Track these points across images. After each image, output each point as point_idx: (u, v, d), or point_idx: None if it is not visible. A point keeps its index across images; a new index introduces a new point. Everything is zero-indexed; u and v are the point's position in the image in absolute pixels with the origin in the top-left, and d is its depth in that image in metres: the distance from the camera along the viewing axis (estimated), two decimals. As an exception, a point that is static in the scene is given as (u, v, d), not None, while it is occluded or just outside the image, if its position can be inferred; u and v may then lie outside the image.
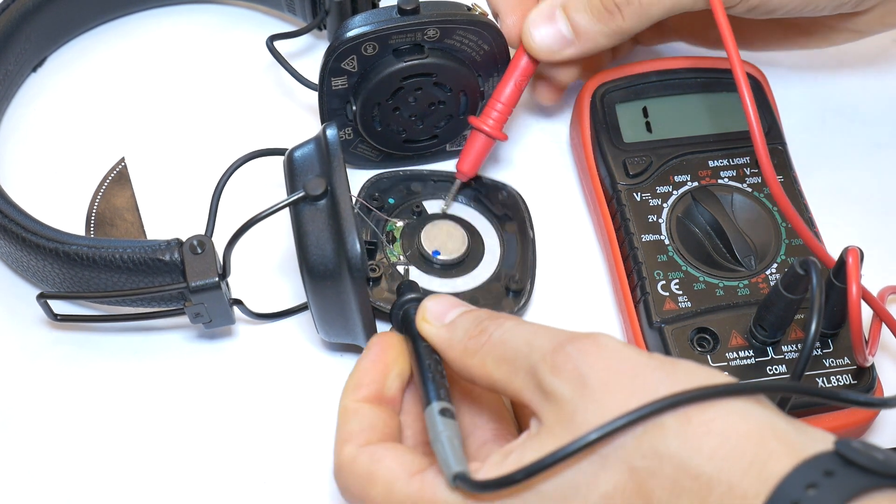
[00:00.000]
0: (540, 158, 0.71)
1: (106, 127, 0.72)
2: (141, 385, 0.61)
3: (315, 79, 0.67)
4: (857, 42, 0.68)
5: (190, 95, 0.74)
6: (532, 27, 0.63)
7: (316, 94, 0.66)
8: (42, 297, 0.60)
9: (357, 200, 0.62)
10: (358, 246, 0.54)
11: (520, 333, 0.49)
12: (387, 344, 0.54)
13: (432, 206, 0.64)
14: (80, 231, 0.66)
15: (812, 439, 0.44)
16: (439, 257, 0.62)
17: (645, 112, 0.67)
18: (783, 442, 0.43)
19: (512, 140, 0.71)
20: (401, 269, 0.62)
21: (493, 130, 0.64)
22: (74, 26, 0.76)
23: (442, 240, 0.63)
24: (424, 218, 0.64)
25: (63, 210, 0.67)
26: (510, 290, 0.62)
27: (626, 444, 0.44)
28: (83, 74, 0.75)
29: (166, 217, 0.68)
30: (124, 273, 0.59)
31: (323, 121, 0.66)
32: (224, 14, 0.78)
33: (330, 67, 0.63)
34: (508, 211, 0.64)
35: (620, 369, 0.46)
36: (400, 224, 0.62)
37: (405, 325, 0.54)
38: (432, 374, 0.51)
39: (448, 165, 0.70)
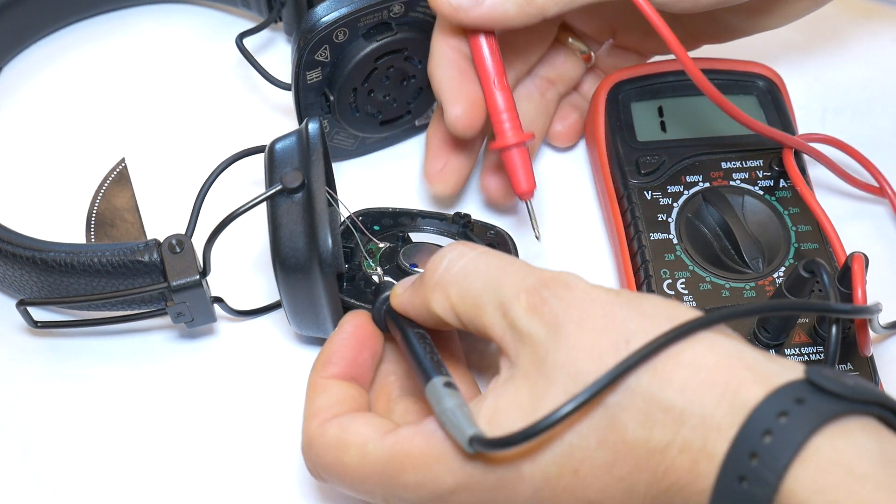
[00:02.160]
0: (554, 153, 0.71)
1: (82, 130, 0.72)
2: (125, 388, 0.61)
3: (278, 73, 0.68)
4: (857, 42, 0.67)
5: (156, 97, 0.74)
6: None
7: (284, 87, 0.67)
8: (22, 305, 0.59)
9: (350, 217, 0.61)
10: (330, 241, 0.54)
11: (485, 267, 0.49)
12: (360, 322, 0.54)
13: (418, 238, 0.63)
14: (81, 233, 0.66)
15: (782, 367, 0.44)
16: (416, 269, 0.60)
17: (660, 111, 0.67)
18: (753, 370, 0.44)
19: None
20: (375, 278, 0.60)
21: (517, 138, 0.61)
22: (28, 35, 0.75)
23: (421, 257, 0.60)
24: (407, 242, 0.62)
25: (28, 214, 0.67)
26: None
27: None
28: (44, 81, 0.75)
29: (159, 218, 0.68)
30: (104, 277, 0.58)
31: (300, 118, 0.66)
32: (174, 13, 0.78)
33: (305, 61, 0.63)
34: (495, 242, 0.62)
35: (591, 310, 0.46)
36: (382, 245, 0.61)
37: (391, 318, 0.53)
38: (429, 354, 0.50)
39: (419, 140, 0.70)
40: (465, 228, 0.63)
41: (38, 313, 0.62)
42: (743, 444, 0.42)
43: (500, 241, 0.63)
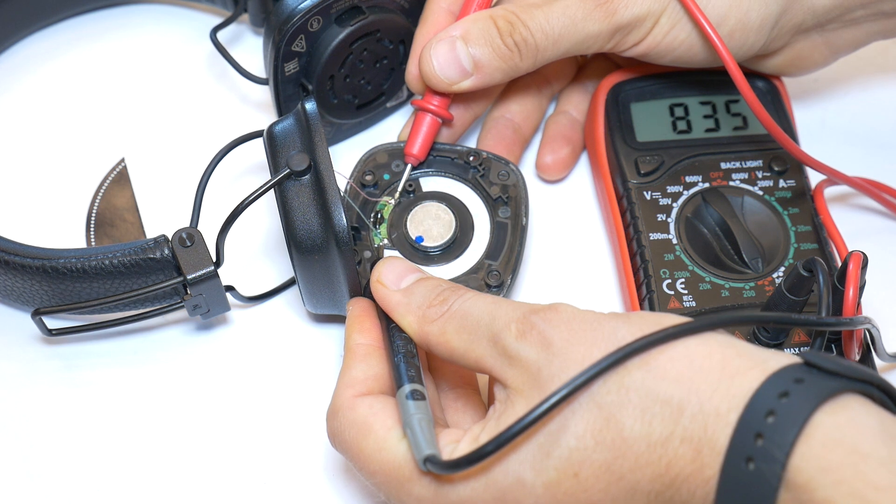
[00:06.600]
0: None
1: (66, 132, 0.72)
2: (145, 387, 0.61)
3: (249, 66, 0.67)
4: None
5: (134, 98, 0.73)
6: (433, 55, 0.61)
7: (261, 82, 0.67)
8: (37, 314, 0.58)
9: (348, 183, 0.62)
10: (344, 218, 0.55)
11: (481, 305, 0.51)
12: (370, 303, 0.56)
13: (428, 183, 0.64)
14: (81, 233, 0.66)
15: (774, 354, 0.45)
16: (423, 244, 0.61)
17: (660, 111, 0.67)
18: (747, 358, 0.45)
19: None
20: (386, 252, 0.61)
21: (439, 109, 0.63)
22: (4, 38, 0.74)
23: (429, 224, 0.62)
24: (417, 197, 0.63)
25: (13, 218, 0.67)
26: (489, 284, 0.60)
27: (590, 386, 0.45)
28: (19, 88, 0.74)
29: (150, 217, 0.67)
30: (117, 278, 0.58)
31: (279, 112, 0.66)
32: (138, 14, 0.77)
33: (282, 53, 0.63)
34: (505, 194, 0.62)
35: (580, 326, 0.47)
36: (391, 203, 0.62)
37: (377, 305, 0.55)
38: (403, 354, 0.51)
39: (392, 123, 0.71)
40: (477, 170, 0.64)
41: (50, 321, 0.61)
42: (747, 426, 0.42)
43: (511, 182, 0.63)
